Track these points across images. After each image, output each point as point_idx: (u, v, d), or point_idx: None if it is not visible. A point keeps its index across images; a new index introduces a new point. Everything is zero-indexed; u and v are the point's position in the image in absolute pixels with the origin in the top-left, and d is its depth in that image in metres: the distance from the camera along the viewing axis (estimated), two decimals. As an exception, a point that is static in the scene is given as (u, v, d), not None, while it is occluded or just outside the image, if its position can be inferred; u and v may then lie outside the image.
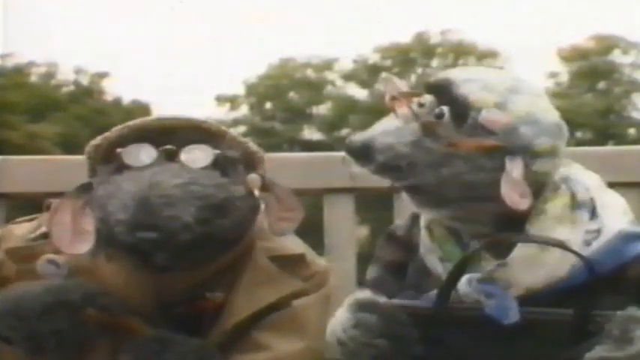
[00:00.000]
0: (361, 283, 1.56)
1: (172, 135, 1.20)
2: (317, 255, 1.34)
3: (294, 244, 1.30)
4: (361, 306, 1.13)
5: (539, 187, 1.17)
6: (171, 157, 1.18)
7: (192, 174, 1.15)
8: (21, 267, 1.20)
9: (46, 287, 1.14)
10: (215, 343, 1.18)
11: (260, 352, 1.19)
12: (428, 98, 1.18)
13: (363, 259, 1.68)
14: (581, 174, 1.23)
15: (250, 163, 1.25)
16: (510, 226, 1.16)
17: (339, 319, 1.13)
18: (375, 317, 1.10)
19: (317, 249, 1.55)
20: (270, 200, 1.22)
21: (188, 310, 1.20)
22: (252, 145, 1.27)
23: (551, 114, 1.19)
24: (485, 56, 15.03)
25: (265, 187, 1.23)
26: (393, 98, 1.20)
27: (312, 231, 1.57)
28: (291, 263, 1.27)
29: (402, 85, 1.22)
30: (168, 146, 1.19)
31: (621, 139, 12.76)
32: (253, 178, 1.21)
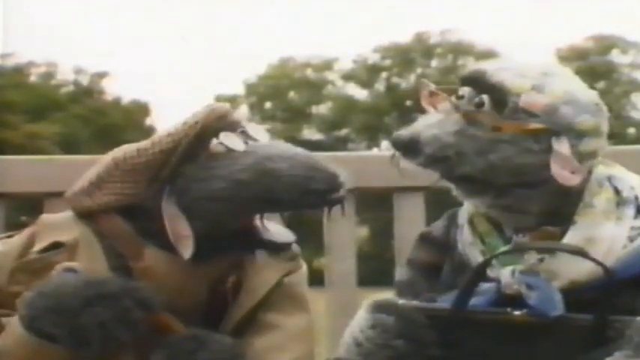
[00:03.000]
0: (361, 284, 1.57)
1: (225, 119, 1.22)
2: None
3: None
4: (379, 307, 1.12)
5: (586, 172, 1.17)
6: (249, 140, 1.21)
7: (288, 146, 1.19)
8: (34, 280, 1.20)
9: (84, 281, 1.13)
10: (237, 325, 1.20)
11: (272, 331, 1.20)
12: (465, 90, 1.19)
13: (363, 259, 1.68)
14: (624, 174, 1.23)
15: None
16: (557, 219, 1.16)
17: (357, 320, 1.13)
18: (393, 318, 1.10)
19: (317, 249, 1.55)
20: None
21: (213, 297, 1.20)
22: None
23: (588, 93, 1.19)
24: (484, 56, 15.04)
25: None
26: (432, 94, 1.20)
27: (312, 231, 1.57)
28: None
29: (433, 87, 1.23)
30: (242, 129, 1.21)
31: (621, 139, 12.76)
32: None
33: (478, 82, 1.16)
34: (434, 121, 1.16)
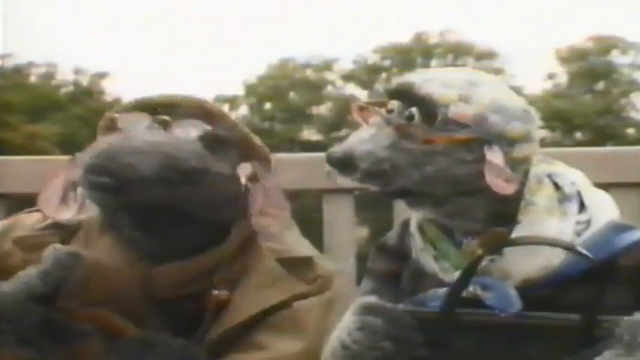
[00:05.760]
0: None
1: (174, 110, 1.20)
2: (323, 258, 1.33)
3: (302, 247, 1.29)
4: (367, 309, 1.13)
5: (520, 178, 1.18)
6: (166, 128, 1.18)
7: (172, 139, 1.15)
8: (28, 256, 1.20)
9: (21, 283, 1.13)
10: (215, 341, 1.18)
11: (258, 351, 1.18)
12: (395, 103, 1.20)
13: (363, 259, 1.68)
14: (565, 170, 1.25)
15: (248, 153, 1.25)
16: (502, 220, 1.18)
17: (344, 323, 1.13)
18: (381, 320, 1.10)
19: (317, 249, 1.55)
20: (257, 192, 1.21)
21: (192, 307, 1.20)
22: (255, 138, 1.27)
23: (516, 100, 1.21)
24: (483, 57, 15.03)
25: (255, 178, 1.22)
26: (362, 109, 1.22)
27: (312, 231, 1.57)
28: (297, 266, 1.26)
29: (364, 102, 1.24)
30: (163, 117, 1.19)
31: (620, 140, 12.75)
32: (243, 165, 1.21)
33: (406, 95, 1.17)
34: (367, 136, 1.17)
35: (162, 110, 1.19)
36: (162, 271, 1.18)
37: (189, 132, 1.18)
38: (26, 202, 1.74)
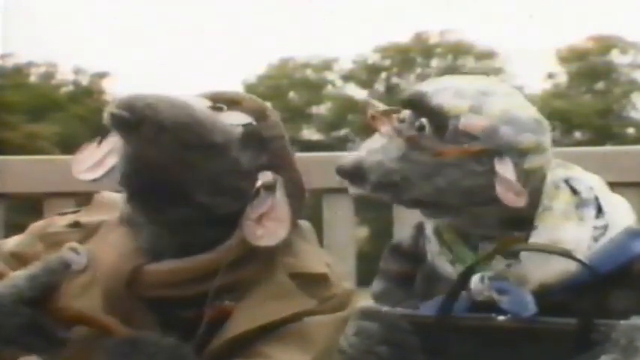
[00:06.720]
0: (361, 284, 1.57)
1: (235, 105, 1.21)
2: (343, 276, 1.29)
3: (319, 263, 1.26)
4: (363, 314, 1.13)
5: (536, 184, 1.18)
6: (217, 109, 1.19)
7: (211, 114, 1.15)
8: (49, 253, 1.21)
9: (11, 286, 1.14)
10: (214, 351, 1.17)
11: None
12: (406, 113, 1.19)
13: (363, 259, 1.68)
14: (582, 175, 1.24)
15: (279, 168, 1.23)
16: (519, 225, 1.17)
17: None
18: (377, 325, 1.10)
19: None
20: (265, 199, 1.19)
21: (191, 313, 1.19)
22: (295, 164, 1.26)
23: (528, 110, 1.20)
24: (483, 57, 15.04)
25: (271, 188, 1.20)
26: (373, 117, 1.21)
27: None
28: (311, 282, 1.23)
29: (381, 106, 1.23)
30: (219, 104, 1.20)
31: (620, 139, 12.77)
32: (266, 173, 1.20)
33: (417, 106, 1.17)
34: (377, 146, 1.17)
35: (225, 102, 1.20)
36: (151, 269, 1.17)
37: (235, 120, 1.18)
38: (26, 201, 1.74)
